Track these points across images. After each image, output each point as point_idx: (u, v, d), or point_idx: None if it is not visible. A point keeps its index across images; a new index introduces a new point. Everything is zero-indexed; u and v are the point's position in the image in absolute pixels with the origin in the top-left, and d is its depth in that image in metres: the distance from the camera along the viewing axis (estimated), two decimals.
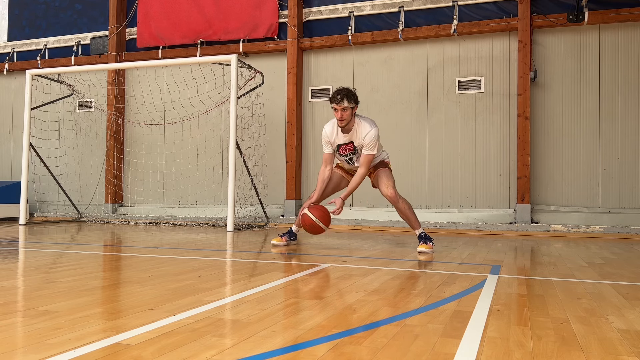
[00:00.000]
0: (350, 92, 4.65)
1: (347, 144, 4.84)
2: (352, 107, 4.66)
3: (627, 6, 7.11)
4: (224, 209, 8.58)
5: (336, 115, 4.68)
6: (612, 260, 4.43)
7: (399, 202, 4.86)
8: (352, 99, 4.64)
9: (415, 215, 4.95)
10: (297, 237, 5.34)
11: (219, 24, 8.96)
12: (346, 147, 4.87)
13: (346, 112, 4.64)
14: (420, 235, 4.85)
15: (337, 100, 4.61)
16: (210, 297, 2.65)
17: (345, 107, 4.62)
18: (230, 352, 1.76)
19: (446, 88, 7.96)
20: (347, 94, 4.62)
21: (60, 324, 2.09)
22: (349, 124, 4.73)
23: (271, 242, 5.29)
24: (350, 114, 4.68)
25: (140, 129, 9.39)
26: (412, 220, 4.90)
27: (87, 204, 9.59)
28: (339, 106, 4.62)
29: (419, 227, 4.90)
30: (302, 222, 4.89)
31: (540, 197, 7.50)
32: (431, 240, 4.83)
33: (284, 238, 5.20)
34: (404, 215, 4.93)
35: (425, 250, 4.71)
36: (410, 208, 4.93)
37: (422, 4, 8.04)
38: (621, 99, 7.26)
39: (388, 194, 4.83)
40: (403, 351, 1.80)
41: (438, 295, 2.79)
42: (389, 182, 4.87)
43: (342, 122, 4.68)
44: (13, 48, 10.52)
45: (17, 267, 3.80)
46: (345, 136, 4.82)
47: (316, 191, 5.06)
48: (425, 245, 4.74)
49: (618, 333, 2.07)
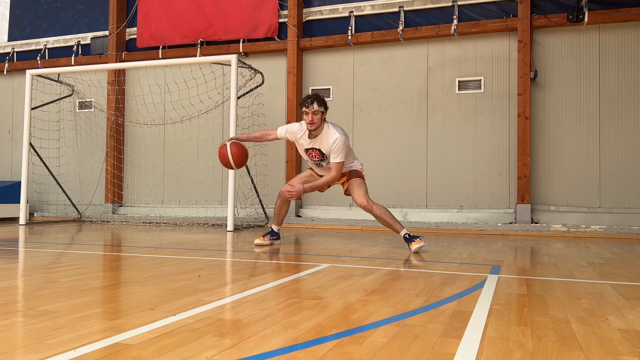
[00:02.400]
0: (320, 97, 4.82)
1: (313, 150, 4.93)
2: (322, 111, 4.79)
3: (627, 6, 7.11)
4: (224, 209, 8.59)
5: (306, 118, 4.79)
6: (612, 260, 4.43)
7: (374, 210, 4.89)
8: (322, 104, 4.79)
9: (393, 218, 4.95)
10: (280, 237, 5.40)
11: (219, 24, 8.95)
12: (313, 153, 4.96)
13: (316, 116, 4.77)
14: (405, 237, 4.83)
15: (307, 104, 4.76)
16: (210, 297, 2.65)
17: (315, 110, 4.75)
18: (230, 352, 1.76)
19: (446, 88, 7.96)
20: (317, 98, 4.78)
21: (60, 324, 2.09)
22: (318, 129, 4.84)
23: (254, 242, 5.32)
24: (320, 118, 4.80)
25: (140, 129, 9.39)
26: (391, 224, 4.90)
27: (87, 204, 9.59)
28: (310, 109, 4.75)
29: (402, 228, 4.89)
30: (219, 151, 5.05)
31: (540, 197, 7.50)
32: (418, 237, 4.83)
33: (267, 237, 5.27)
34: (382, 221, 4.94)
35: (419, 246, 4.70)
36: (386, 212, 4.94)
37: (422, 4, 8.04)
38: (621, 99, 7.26)
39: (361, 204, 4.89)
40: (403, 351, 1.80)
41: (438, 295, 2.79)
42: (360, 192, 4.92)
43: (313, 125, 4.78)
44: (13, 48, 10.52)
45: (17, 267, 3.80)
46: (310, 141, 4.91)
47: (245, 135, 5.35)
48: (415, 243, 4.72)
49: (618, 333, 2.07)
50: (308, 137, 4.90)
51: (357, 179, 5.02)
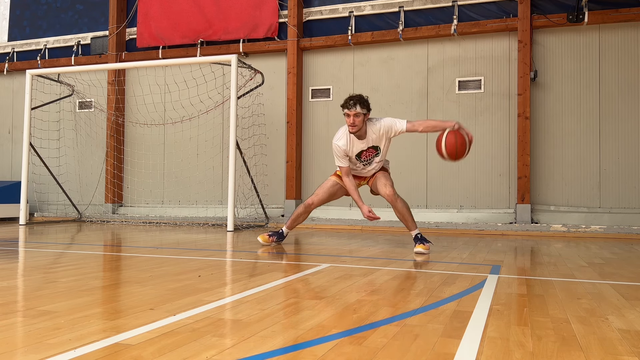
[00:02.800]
0: (363, 99, 4.68)
1: (367, 150, 4.84)
2: (364, 113, 4.67)
3: (627, 6, 7.11)
4: (224, 209, 8.58)
5: (348, 121, 4.68)
6: (612, 260, 4.43)
7: (397, 202, 4.85)
8: (364, 106, 4.66)
9: (412, 216, 4.95)
10: (284, 239, 5.37)
11: (219, 24, 8.95)
12: (367, 153, 4.87)
13: (358, 118, 4.65)
14: (416, 237, 4.85)
15: (349, 106, 4.63)
16: (210, 297, 2.65)
17: (357, 112, 4.63)
18: (230, 352, 1.76)
19: (446, 88, 7.96)
20: (360, 100, 4.65)
21: (60, 324, 2.09)
22: (361, 130, 4.73)
23: (258, 238, 5.31)
24: (362, 120, 4.68)
25: (140, 129, 9.39)
26: (409, 221, 4.89)
27: (87, 204, 9.59)
28: (352, 112, 4.63)
29: (416, 228, 4.90)
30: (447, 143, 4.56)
31: (540, 197, 7.50)
32: (428, 241, 4.83)
33: (272, 238, 5.23)
34: (401, 216, 4.91)
35: (423, 251, 4.71)
36: (408, 209, 4.92)
37: (422, 4, 8.04)
38: (621, 99, 7.26)
39: (387, 193, 4.84)
40: (403, 351, 1.80)
41: (438, 295, 2.79)
42: (387, 182, 4.90)
43: (354, 127, 4.67)
44: (13, 48, 10.52)
45: (17, 267, 3.80)
46: (362, 142, 4.80)
47: (357, 199, 4.94)
48: (422, 246, 4.73)
49: (618, 333, 2.07)
50: (358, 139, 4.78)
51: (383, 171, 5.03)
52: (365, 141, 4.80)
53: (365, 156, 4.89)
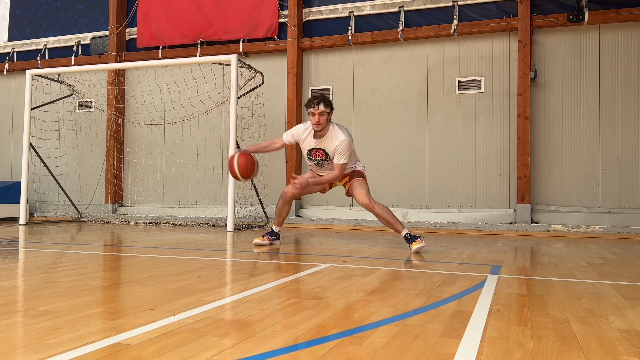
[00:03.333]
0: (326, 98, 4.84)
1: (318, 150, 4.94)
2: (327, 112, 4.81)
3: (627, 6, 7.11)
4: (224, 209, 8.58)
5: (312, 119, 4.81)
6: (612, 260, 4.43)
7: (375, 209, 4.90)
8: (328, 105, 4.81)
9: (395, 217, 4.96)
10: (280, 237, 5.40)
11: (219, 24, 8.96)
12: (317, 152, 4.97)
13: (323, 117, 4.79)
14: (406, 237, 4.82)
15: (313, 105, 4.77)
16: (210, 297, 2.65)
17: (322, 111, 4.76)
18: (230, 352, 1.76)
19: (446, 88, 7.96)
20: (324, 99, 4.80)
21: (60, 324, 2.09)
22: (324, 130, 4.86)
23: (253, 242, 5.32)
24: (326, 119, 4.82)
25: (140, 129, 9.39)
26: (393, 223, 4.90)
27: (87, 204, 9.59)
28: (316, 110, 4.76)
29: (403, 228, 4.89)
30: (228, 162, 5.04)
31: (540, 197, 7.50)
32: (419, 237, 4.82)
33: (266, 238, 5.27)
34: (383, 221, 4.94)
35: (420, 246, 4.70)
36: (388, 212, 4.94)
37: (422, 4, 8.04)
38: (621, 99, 7.26)
39: (363, 202, 4.91)
40: (403, 351, 1.80)
41: (438, 295, 2.79)
42: (362, 191, 4.94)
43: (319, 126, 4.80)
44: (13, 48, 10.52)
45: (17, 267, 3.80)
46: (316, 141, 4.93)
47: (253, 146, 5.36)
48: (417, 243, 4.72)
49: (618, 333, 2.07)
50: (313, 137, 4.92)
51: (358, 178, 5.05)
52: (322, 142, 4.90)
53: (315, 155, 4.98)
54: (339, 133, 4.84)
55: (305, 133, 4.98)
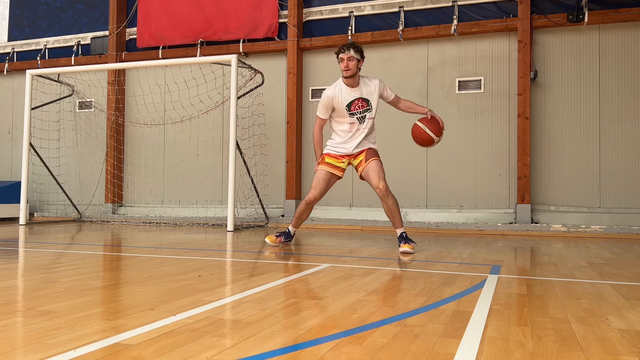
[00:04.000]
0: (356, 45, 4.77)
1: (358, 100, 4.79)
2: (357, 58, 4.71)
3: (627, 6, 7.11)
4: (224, 209, 8.58)
5: (342, 65, 4.69)
6: (612, 260, 4.43)
7: (389, 197, 4.76)
8: (358, 51, 4.74)
9: (400, 214, 4.87)
10: (292, 239, 5.24)
11: (219, 24, 8.96)
12: (357, 104, 4.80)
13: (352, 62, 4.67)
14: (401, 235, 4.78)
15: (344, 50, 4.70)
16: (210, 297, 2.65)
17: (351, 56, 4.67)
18: (230, 352, 1.76)
19: (446, 88, 7.96)
20: (354, 45, 4.74)
21: (60, 324, 2.08)
22: (355, 77, 4.75)
23: (264, 240, 5.19)
24: (356, 65, 4.71)
25: (140, 129, 9.39)
26: (397, 218, 4.80)
27: (87, 204, 9.59)
28: (346, 55, 4.67)
29: (402, 226, 4.82)
30: (413, 133, 4.95)
31: (540, 197, 7.50)
32: (413, 241, 4.79)
33: (279, 239, 5.10)
34: (390, 213, 4.81)
35: (409, 250, 4.66)
36: (397, 206, 4.83)
37: (422, 4, 8.04)
38: (621, 99, 7.26)
39: (380, 186, 4.73)
40: (403, 351, 1.80)
41: (438, 295, 2.79)
42: (380, 174, 4.79)
43: (348, 71, 4.67)
44: (13, 48, 10.52)
45: (17, 267, 3.80)
46: (352, 91, 4.78)
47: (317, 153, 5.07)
48: (408, 245, 4.69)
49: (618, 333, 2.07)
50: (350, 87, 4.78)
51: (376, 159, 4.89)
52: (358, 91, 4.79)
53: (356, 107, 4.80)
54: (369, 79, 4.83)
55: (336, 91, 4.80)
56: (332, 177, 4.99)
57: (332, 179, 5.00)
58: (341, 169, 4.99)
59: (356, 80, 4.76)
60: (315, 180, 4.99)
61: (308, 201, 4.98)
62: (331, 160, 4.96)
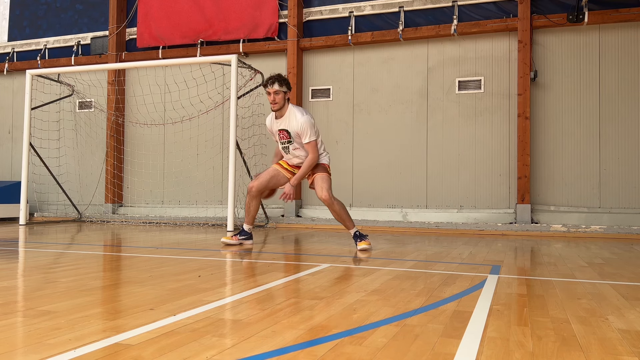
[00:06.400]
0: (281, 77, 4.93)
1: (282, 131, 5.00)
2: (283, 91, 4.90)
3: (627, 6, 7.11)
4: (224, 209, 8.58)
5: (269, 98, 4.92)
6: (612, 260, 4.43)
7: (334, 205, 4.99)
8: (283, 83, 4.90)
9: (349, 216, 5.09)
10: (252, 237, 5.37)
11: (219, 24, 8.96)
12: (282, 134, 5.02)
13: (278, 96, 4.87)
14: (355, 234, 5.01)
15: (268, 84, 4.88)
16: (210, 297, 2.65)
17: (276, 90, 4.86)
18: (230, 352, 1.76)
19: (446, 88, 7.96)
20: (279, 78, 4.90)
21: (60, 324, 2.09)
22: (282, 109, 4.94)
23: (221, 240, 5.33)
24: (283, 98, 4.90)
25: (140, 129, 9.39)
26: (346, 220, 5.05)
27: (87, 204, 9.59)
28: (271, 89, 4.86)
29: (353, 226, 5.06)
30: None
31: (540, 197, 7.50)
32: (367, 237, 5.04)
33: (236, 237, 5.26)
34: (338, 217, 5.05)
35: (366, 247, 4.91)
36: (344, 209, 5.06)
37: (422, 4, 8.04)
38: (621, 99, 7.26)
39: (323, 197, 4.95)
40: (403, 351, 1.80)
41: (438, 295, 2.79)
42: (324, 186, 4.99)
43: (275, 105, 4.90)
44: (13, 48, 10.52)
45: (17, 267, 3.80)
46: (279, 122, 5.00)
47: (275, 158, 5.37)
48: (364, 242, 4.93)
49: (618, 333, 2.07)
50: (275, 119, 5.02)
51: (322, 173, 5.08)
52: (283, 122, 4.96)
53: (280, 137, 5.04)
54: (297, 113, 4.91)
55: (271, 118, 5.10)
56: (279, 175, 5.18)
57: (278, 176, 5.17)
58: (292, 174, 5.20)
59: (283, 111, 4.95)
60: (263, 173, 5.26)
61: (248, 189, 5.20)
62: (284, 164, 5.23)
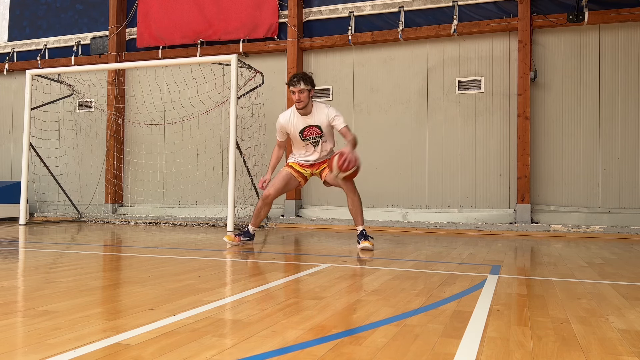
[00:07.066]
0: (306, 75, 4.93)
1: (311, 127, 4.99)
2: (308, 89, 4.89)
3: (627, 6, 7.11)
4: (224, 209, 8.58)
5: (294, 97, 4.90)
6: (612, 260, 4.43)
7: (356, 194, 4.95)
8: (308, 82, 4.90)
9: (362, 212, 5.06)
10: (253, 238, 5.36)
11: (219, 24, 8.95)
12: (311, 130, 5.01)
13: (303, 94, 4.87)
14: (361, 233, 4.99)
15: (293, 83, 4.87)
16: (210, 297, 2.65)
17: (301, 89, 4.85)
18: (230, 352, 1.76)
19: (446, 88, 7.96)
20: (304, 77, 4.89)
21: (60, 324, 2.09)
22: (308, 107, 4.94)
23: (223, 238, 5.31)
24: (307, 96, 4.91)
25: (140, 129, 9.39)
26: (359, 215, 5.00)
27: (87, 204, 9.59)
28: (296, 88, 4.85)
29: (363, 224, 5.04)
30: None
31: (540, 197, 7.50)
32: (372, 238, 5.02)
33: (238, 238, 5.23)
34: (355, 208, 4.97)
35: (368, 247, 4.87)
36: (361, 204, 5.02)
37: (422, 4, 8.04)
38: (621, 99, 7.26)
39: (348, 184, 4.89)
40: (403, 351, 1.80)
41: (438, 295, 2.79)
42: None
43: (300, 103, 4.89)
44: (13, 48, 10.52)
45: (17, 267, 3.80)
46: (305, 119, 4.99)
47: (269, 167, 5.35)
48: (369, 242, 4.90)
49: (618, 333, 2.07)
50: (302, 116, 4.99)
51: None
52: (311, 118, 4.97)
53: (308, 134, 5.01)
54: (322, 106, 4.97)
55: (290, 118, 5.05)
56: (292, 180, 5.19)
57: (291, 180, 5.19)
58: (303, 176, 5.22)
59: (308, 109, 4.97)
60: (275, 178, 5.22)
61: (264, 197, 5.16)
62: (295, 166, 5.22)
